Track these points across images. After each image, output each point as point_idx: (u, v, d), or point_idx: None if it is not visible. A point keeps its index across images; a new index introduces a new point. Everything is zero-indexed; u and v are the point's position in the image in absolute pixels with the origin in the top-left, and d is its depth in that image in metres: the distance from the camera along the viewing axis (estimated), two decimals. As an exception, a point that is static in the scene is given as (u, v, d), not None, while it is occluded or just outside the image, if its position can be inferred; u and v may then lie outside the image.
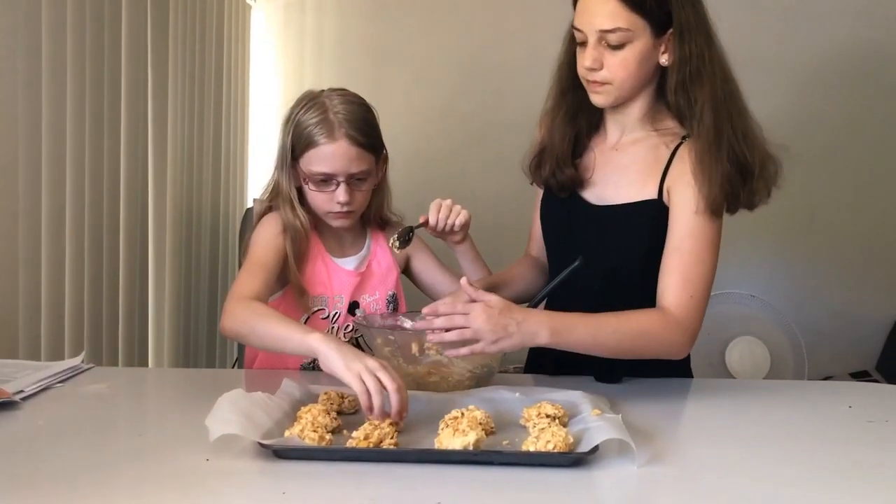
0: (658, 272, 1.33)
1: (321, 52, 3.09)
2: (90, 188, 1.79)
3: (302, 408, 1.07)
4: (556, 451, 0.96)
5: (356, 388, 1.07)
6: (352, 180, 1.44)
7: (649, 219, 1.36)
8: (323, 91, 1.48)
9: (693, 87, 1.32)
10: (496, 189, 2.87)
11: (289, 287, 1.48)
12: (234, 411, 1.01)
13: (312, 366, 1.51)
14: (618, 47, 1.29)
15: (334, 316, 1.51)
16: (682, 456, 1.03)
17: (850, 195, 3.14)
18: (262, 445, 0.96)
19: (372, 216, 1.57)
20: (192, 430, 1.01)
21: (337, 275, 1.52)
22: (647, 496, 0.92)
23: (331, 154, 1.42)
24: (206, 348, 2.61)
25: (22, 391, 1.18)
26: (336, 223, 1.50)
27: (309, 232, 1.48)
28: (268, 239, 1.46)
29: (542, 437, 0.97)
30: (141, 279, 2.09)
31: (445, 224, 1.47)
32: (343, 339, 1.50)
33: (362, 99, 1.50)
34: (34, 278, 1.59)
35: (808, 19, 3.05)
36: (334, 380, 1.12)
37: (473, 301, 1.21)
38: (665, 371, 1.41)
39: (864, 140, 3.11)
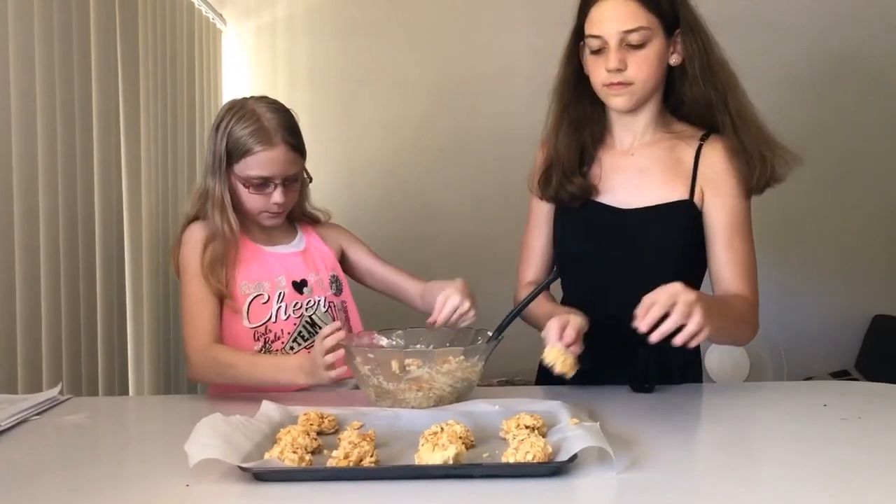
0: (686, 272, 1.33)
1: (293, 74, 3.10)
2: (64, 215, 1.78)
3: (281, 429, 1.08)
4: (535, 461, 0.96)
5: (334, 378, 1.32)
6: (286, 182, 1.55)
7: (683, 219, 1.41)
8: (247, 100, 1.59)
9: (707, 80, 1.40)
10: (471, 202, 2.89)
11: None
12: (213, 435, 1.00)
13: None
14: (639, 46, 1.37)
15: (279, 296, 1.57)
16: (660, 460, 1.04)
17: (823, 198, 3.19)
18: (241, 469, 0.95)
19: (297, 212, 1.67)
20: (172, 457, 1.01)
21: (271, 259, 1.60)
22: (627, 502, 0.93)
23: (270, 159, 1.52)
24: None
25: (-2, 425, 1.17)
26: (269, 222, 1.60)
27: (238, 236, 1.57)
28: (194, 268, 1.54)
29: (522, 448, 0.98)
30: (119, 306, 2.08)
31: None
32: (294, 316, 1.57)
33: (284, 106, 1.61)
34: (9, 309, 1.57)
35: (778, 30, 3.13)
36: (313, 400, 1.13)
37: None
38: (689, 376, 1.48)
39: (837, 143, 3.16)
